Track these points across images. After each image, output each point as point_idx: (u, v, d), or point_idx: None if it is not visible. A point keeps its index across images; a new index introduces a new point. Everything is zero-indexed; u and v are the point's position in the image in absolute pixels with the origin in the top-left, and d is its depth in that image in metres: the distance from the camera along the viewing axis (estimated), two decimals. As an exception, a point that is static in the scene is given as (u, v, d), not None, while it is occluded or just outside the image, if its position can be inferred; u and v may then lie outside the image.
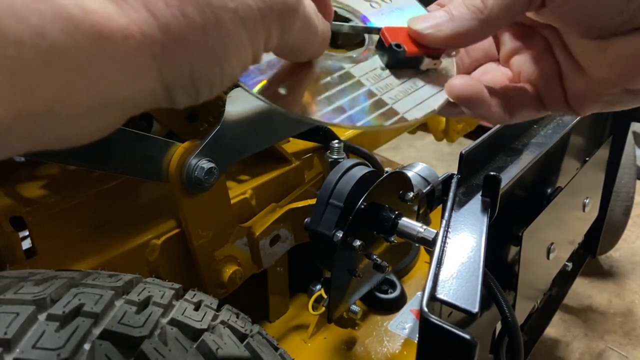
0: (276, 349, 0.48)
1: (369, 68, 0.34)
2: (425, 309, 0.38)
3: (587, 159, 0.87)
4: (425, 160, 0.84)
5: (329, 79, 0.32)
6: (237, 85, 0.30)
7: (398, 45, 0.33)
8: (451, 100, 0.34)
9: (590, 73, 0.33)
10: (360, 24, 0.37)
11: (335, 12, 0.36)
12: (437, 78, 0.36)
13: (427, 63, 0.35)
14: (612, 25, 0.30)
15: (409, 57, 0.34)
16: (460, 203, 0.55)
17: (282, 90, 0.30)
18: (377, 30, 0.35)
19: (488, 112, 0.34)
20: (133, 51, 0.20)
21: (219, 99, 0.67)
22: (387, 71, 0.34)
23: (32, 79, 0.17)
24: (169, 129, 0.71)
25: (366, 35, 0.37)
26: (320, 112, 0.30)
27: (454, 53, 0.37)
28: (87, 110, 0.20)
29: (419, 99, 0.34)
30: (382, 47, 0.34)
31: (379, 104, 0.33)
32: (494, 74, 0.38)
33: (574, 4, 0.30)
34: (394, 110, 0.33)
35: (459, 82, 0.33)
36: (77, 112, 0.19)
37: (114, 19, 0.19)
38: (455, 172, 0.60)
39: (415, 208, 0.71)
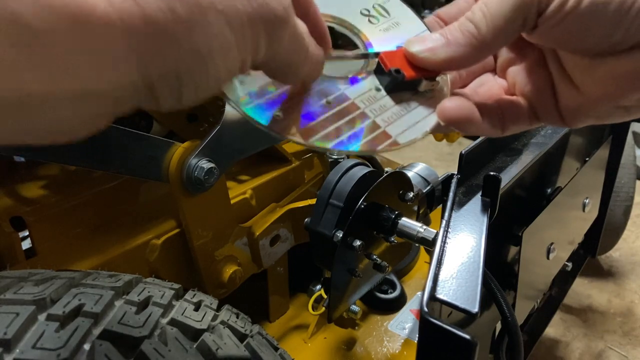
0: (276, 349, 0.48)
1: (364, 89, 0.34)
2: (425, 309, 0.38)
3: (587, 159, 0.87)
4: (425, 160, 0.84)
5: (324, 101, 0.32)
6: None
7: (397, 71, 0.34)
8: (442, 123, 0.34)
9: (583, 88, 0.34)
10: (360, 50, 0.37)
11: (333, 28, 0.36)
12: (430, 99, 0.36)
13: (424, 85, 0.35)
14: (601, 47, 0.31)
15: (408, 81, 0.34)
16: (460, 203, 0.55)
17: (277, 114, 0.30)
18: (375, 55, 0.36)
19: (479, 130, 0.35)
20: (111, 39, 0.19)
21: (218, 99, 0.67)
22: (382, 92, 0.35)
23: (3, 64, 0.17)
24: (169, 129, 0.71)
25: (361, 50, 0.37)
26: (314, 136, 0.30)
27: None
28: (62, 100, 0.19)
29: (411, 121, 0.34)
30: (381, 71, 0.35)
31: (373, 127, 0.33)
32: (490, 86, 0.39)
33: (564, 27, 0.30)
34: (386, 134, 0.33)
35: (449, 106, 0.34)
36: (51, 101, 0.19)
37: (94, 4, 0.19)
38: (455, 172, 0.60)
39: (415, 208, 0.71)
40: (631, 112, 0.34)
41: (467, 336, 0.36)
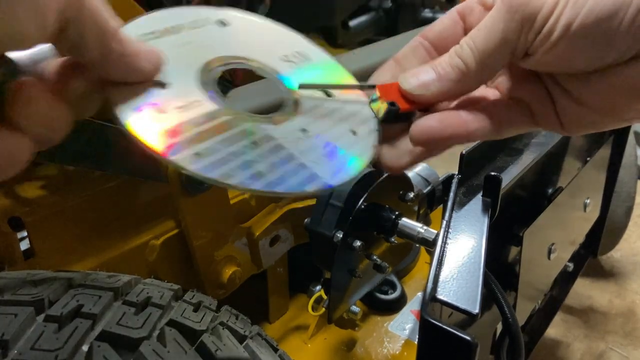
0: (276, 350, 0.48)
1: (290, 129, 0.34)
2: (426, 310, 0.38)
3: (588, 159, 0.87)
4: (425, 160, 0.84)
5: (248, 141, 0.31)
6: (235, 85, 0.30)
7: (392, 104, 0.35)
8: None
9: (584, 103, 0.33)
10: (354, 82, 0.38)
11: (254, 72, 0.37)
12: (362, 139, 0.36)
13: (418, 116, 0.36)
14: (595, 66, 0.31)
15: (402, 113, 0.35)
16: (460, 203, 0.55)
17: (197, 153, 0.29)
18: (372, 87, 0.36)
19: (465, 139, 0.35)
20: None
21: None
22: (309, 133, 0.34)
23: None
24: (168, 129, 0.71)
25: (289, 99, 0.37)
26: (239, 177, 0.29)
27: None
28: None
29: (340, 162, 0.34)
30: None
31: (300, 167, 0.32)
32: (481, 94, 0.38)
33: (555, 53, 0.30)
34: (314, 174, 0.32)
35: (420, 126, 0.34)
36: None
37: None
38: (456, 172, 0.59)
39: (416, 208, 0.71)
40: (631, 121, 0.34)
41: (467, 337, 0.36)
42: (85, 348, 0.34)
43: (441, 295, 0.42)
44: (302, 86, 0.37)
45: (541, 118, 0.36)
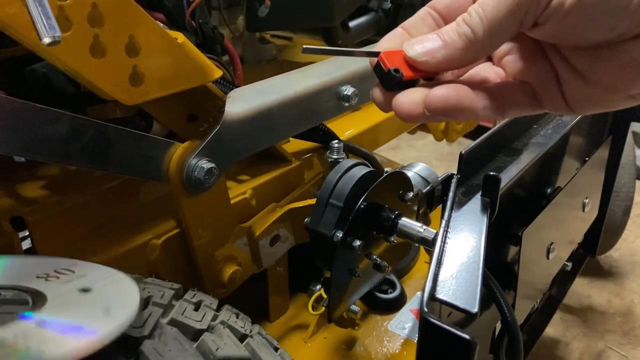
0: (276, 349, 0.48)
1: (18, 328, 0.34)
2: (425, 309, 0.38)
3: (586, 158, 0.87)
4: (425, 160, 0.84)
5: None
6: (236, 86, 0.30)
7: (397, 70, 0.34)
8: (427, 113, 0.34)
9: (590, 78, 0.33)
10: (359, 49, 0.36)
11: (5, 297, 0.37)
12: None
13: (421, 84, 0.35)
14: (606, 39, 0.30)
15: (407, 80, 0.35)
16: (460, 203, 0.55)
17: None
18: (376, 55, 0.36)
19: (474, 114, 0.34)
20: None
21: (218, 99, 0.68)
22: (39, 326, 0.35)
23: None
24: (169, 129, 0.71)
25: (29, 300, 0.37)
26: None
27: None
28: None
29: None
30: (380, 71, 0.35)
31: None
32: (487, 74, 0.38)
33: (567, 23, 0.30)
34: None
35: (437, 94, 0.33)
36: None
37: None
38: (455, 172, 0.60)
39: (415, 208, 0.71)
40: (636, 98, 0.34)
41: (466, 336, 0.36)
42: (87, 347, 0.34)
43: (440, 294, 0.42)
44: (305, 50, 0.37)
45: (545, 99, 0.36)
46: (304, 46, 0.36)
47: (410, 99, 0.34)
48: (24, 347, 0.32)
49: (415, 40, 0.34)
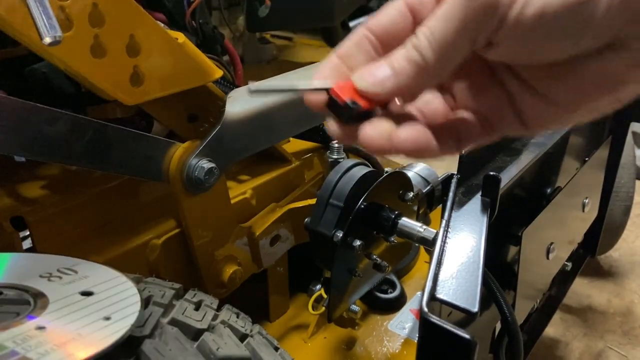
0: (276, 348, 0.48)
1: (18, 331, 0.34)
2: (425, 309, 0.38)
3: (586, 159, 0.87)
4: (425, 160, 0.84)
5: None
6: (237, 86, 0.30)
7: (354, 103, 0.33)
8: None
9: (550, 98, 0.32)
10: (301, 86, 0.35)
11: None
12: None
13: (378, 113, 0.34)
14: (569, 54, 0.29)
15: (364, 111, 0.33)
16: (460, 203, 0.55)
17: None
18: (326, 90, 0.34)
19: (434, 155, 0.33)
20: None
21: (218, 99, 0.68)
22: (40, 331, 0.35)
23: None
24: (169, 129, 0.71)
25: (31, 302, 0.38)
26: None
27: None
28: None
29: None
30: (334, 105, 0.34)
31: None
32: (436, 104, 0.36)
33: (526, 41, 0.28)
34: None
35: (405, 136, 0.32)
36: None
37: None
38: (455, 172, 0.60)
39: (415, 208, 0.71)
40: (602, 111, 0.33)
41: (467, 336, 0.36)
42: (88, 346, 0.34)
43: (440, 294, 0.42)
44: (253, 92, 0.36)
45: (501, 125, 0.34)
46: (250, 87, 0.36)
47: (379, 132, 0.32)
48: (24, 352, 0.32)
49: (365, 70, 0.33)
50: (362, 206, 0.62)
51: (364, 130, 0.33)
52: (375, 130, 0.32)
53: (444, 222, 0.51)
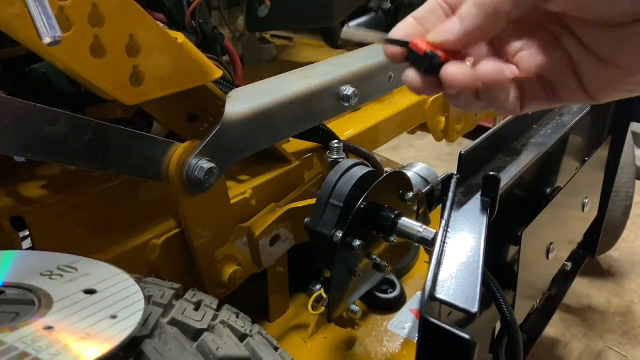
0: (276, 348, 0.48)
1: (27, 332, 0.34)
2: (425, 309, 0.38)
3: (586, 159, 0.87)
4: (425, 160, 0.84)
5: None
6: (237, 86, 0.30)
7: (433, 53, 0.36)
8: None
9: (612, 62, 0.32)
10: (380, 35, 0.38)
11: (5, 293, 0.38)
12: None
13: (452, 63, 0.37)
14: (629, 12, 0.29)
15: (442, 61, 0.36)
16: (459, 203, 0.55)
17: None
18: (404, 44, 0.37)
19: (506, 101, 0.35)
20: None
21: (219, 99, 0.68)
22: (48, 331, 0.35)
23: None
24: (169, 129, 0.71)
25: (35, 301, 0.38)
26: None
27: None
28: None
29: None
30: (414, 57, 0.37)
31: None
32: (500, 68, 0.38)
33: None
34: None
35: (488, 66, 0.34)
36: None
37: None
38: (455, 172, 0.60)
39: (415, 208, 0.71)
40: None
41: (466, 336, 0.36)
42: (87, 346, 0.34)
43: (440, 294, 0.42)
44: (345, 33, 0.38)
45: (564, 90, 0.36)
46: (346, 29, 0.38)
47: (461, 70, 0.35)
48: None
49: (437, 29, 0.35)
50: (362, 206, 0.62)
51: (446, 70, 0.35)
52: (457, 69, 0.35)
53: (443, 222, 0.51)
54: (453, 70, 0.35)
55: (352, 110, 0.99)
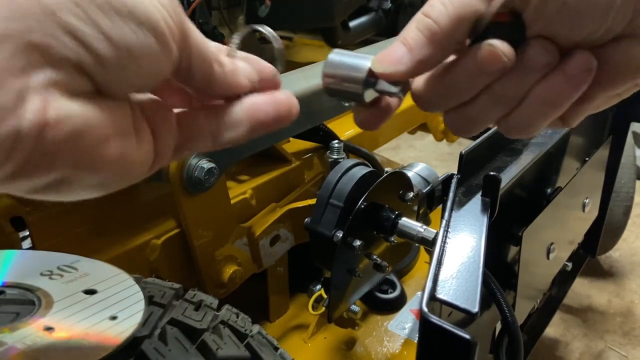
0: (276, 349, 0.48)
1: (27, 332, 0.35)
2: (425, 309, 0.38)
3: (586, 159, 0.87)
4: (425, 160, 0.84)
5: None
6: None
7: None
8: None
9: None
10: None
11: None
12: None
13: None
14: (596, 36, 0.29)
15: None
16: (460, 203, 0.55)
17: None
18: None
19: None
20: None
21: (219, 99, 0.67)
22: (49, 331, 0.35)
23: None
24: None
25: (35, 301, 0.38)
26: None
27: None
28: None
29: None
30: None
31: None
32: None
33: (547, 18, 0.28)
34: None
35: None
36: None
37: None
38: (455, 172, 0.60)
39: (415, 208, 0.71)
40: (622, 96, 0.33)
41: (467, 336, 0.36)
42: (87, 346, 0.34)
43: (441, 294, 0.42)
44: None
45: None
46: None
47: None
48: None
49: (382, 55, 0.32)
50: (362, 206, 0.62)
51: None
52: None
53: (444, 222, 0.51)
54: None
55: (352, 111, 0.99)
